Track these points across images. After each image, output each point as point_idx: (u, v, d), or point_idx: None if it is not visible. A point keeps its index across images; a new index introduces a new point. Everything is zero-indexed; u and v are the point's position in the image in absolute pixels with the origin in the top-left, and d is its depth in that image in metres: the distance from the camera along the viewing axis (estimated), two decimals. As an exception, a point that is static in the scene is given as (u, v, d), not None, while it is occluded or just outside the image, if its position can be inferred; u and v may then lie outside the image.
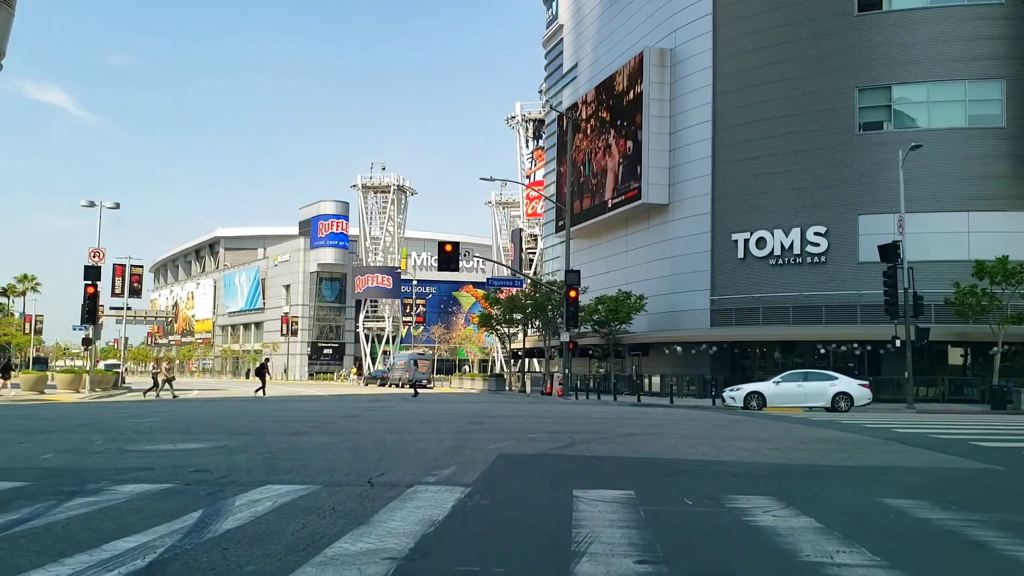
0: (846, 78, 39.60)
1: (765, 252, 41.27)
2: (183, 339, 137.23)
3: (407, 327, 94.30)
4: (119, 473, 9.04)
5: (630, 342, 46.37)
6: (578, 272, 39.81)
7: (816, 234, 39.77)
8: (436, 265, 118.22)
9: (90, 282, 38.34)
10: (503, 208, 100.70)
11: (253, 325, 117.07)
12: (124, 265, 58.61)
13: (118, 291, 58.63)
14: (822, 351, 39.08)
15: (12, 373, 38.62)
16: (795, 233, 40.27)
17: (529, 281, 50.58)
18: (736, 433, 16.12)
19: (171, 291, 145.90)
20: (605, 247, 53.47)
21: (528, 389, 49.62)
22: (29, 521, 6.26)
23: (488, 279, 44.87)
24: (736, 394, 28.83)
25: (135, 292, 59.40)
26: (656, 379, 45.02)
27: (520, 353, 58.17)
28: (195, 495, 7.52)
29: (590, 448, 12.65)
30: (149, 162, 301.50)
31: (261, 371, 37.08)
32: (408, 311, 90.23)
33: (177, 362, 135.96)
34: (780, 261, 40.79)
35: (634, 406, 33.52)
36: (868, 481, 9.40)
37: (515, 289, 51.43)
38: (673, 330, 44.70)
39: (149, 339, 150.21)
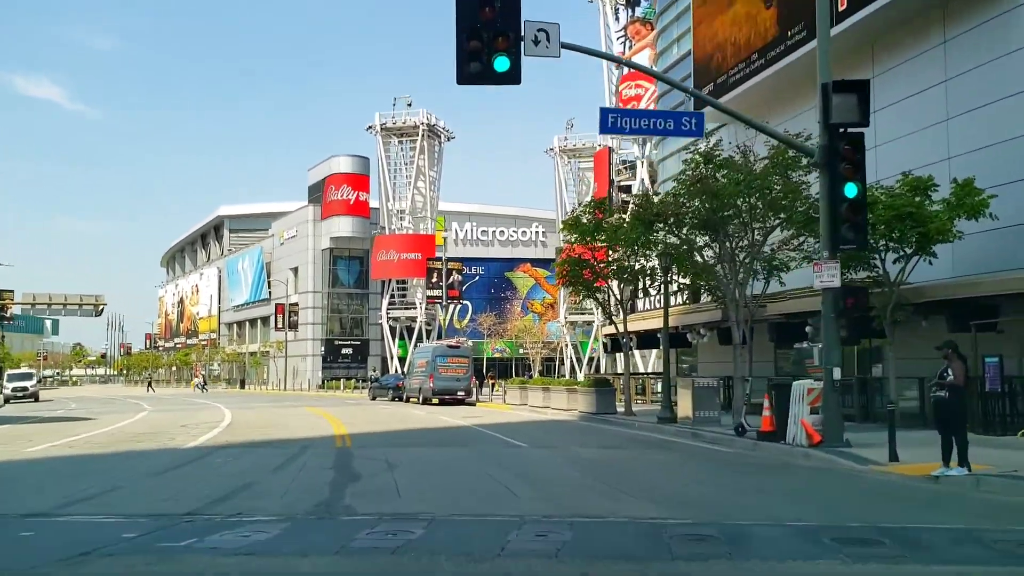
0: None
1: None
2: (187, 341, 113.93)
3: (439, 306, 68.06)
4: None
5: (936, 297, 19.41)
6: (866, 83, 13.44)
7: None
8: (482, 238, 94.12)
9: None
10: (570, 158, 73.92)
11: (259, 321, 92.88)
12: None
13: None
14: None
15: None
16: None
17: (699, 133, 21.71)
18: None
19: (176, 285, 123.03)
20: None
21: (690, 413, 22.54)
22: None
23: (603, 115, 15.55)
24: None
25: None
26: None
27: (628, 341, 30.10)
28: None
29: None
30: (149, 144, 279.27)
31: None
32: (435, 280, 62.93)
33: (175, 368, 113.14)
34: None
35: None
36: None
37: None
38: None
39: (148, 342, 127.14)
